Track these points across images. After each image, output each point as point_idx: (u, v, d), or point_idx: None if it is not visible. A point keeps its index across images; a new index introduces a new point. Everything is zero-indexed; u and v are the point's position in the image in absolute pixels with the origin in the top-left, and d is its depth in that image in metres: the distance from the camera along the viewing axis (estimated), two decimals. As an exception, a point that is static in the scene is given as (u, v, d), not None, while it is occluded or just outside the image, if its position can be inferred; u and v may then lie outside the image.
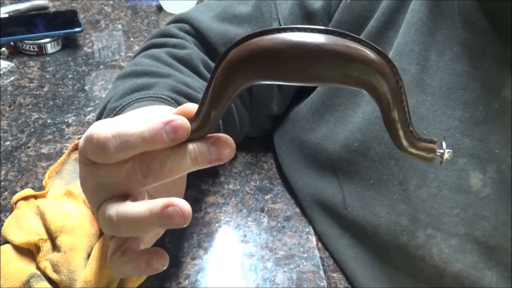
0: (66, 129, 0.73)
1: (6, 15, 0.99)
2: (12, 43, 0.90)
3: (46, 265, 0.50)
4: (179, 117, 0.34)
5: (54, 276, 0.49)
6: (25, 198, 0.57)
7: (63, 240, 0.50)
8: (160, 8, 1.10)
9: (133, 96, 0.49)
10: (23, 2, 1.04)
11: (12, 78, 0.84)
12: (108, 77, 0.86)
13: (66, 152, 0.65)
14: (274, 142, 0.67)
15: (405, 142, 0.33)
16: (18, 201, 0.57)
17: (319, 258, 0.56)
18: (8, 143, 0.69)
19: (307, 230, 0.59)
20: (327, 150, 0.58)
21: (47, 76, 0.85)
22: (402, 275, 0.53)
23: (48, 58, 0.90)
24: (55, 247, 0.51)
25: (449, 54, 0.51)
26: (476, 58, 0.50)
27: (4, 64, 0.87)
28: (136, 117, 0.38)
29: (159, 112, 0.40)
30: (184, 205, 0.33)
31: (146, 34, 1.00)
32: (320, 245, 0.58)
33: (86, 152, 0.35)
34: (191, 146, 0.34)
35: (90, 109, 0.77)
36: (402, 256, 0.52)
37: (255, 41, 0.31)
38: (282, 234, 0.58)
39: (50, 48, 0.91)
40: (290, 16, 0.61)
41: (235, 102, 0.61)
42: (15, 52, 0.91)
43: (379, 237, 0.53)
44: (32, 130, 0.72)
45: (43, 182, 0.60)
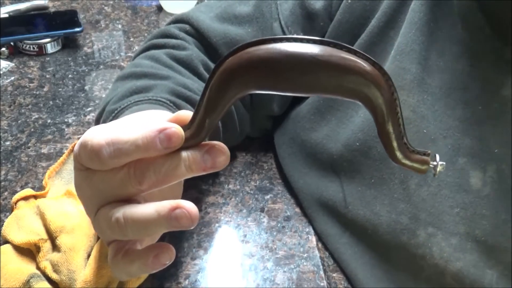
0: (66, 129, 0.73)
1: (6, 15, 0.99)
2: (12, 43, 0.90)
3: (46, 265, 0.50)
4: (173, 125, 0.34)
5: (54, 276, 0.49)
6: (25, 198, 0.57)
7: (63, 240, 0.50)
8: (160, 8, 1.10)
9: (132, 99, 0.49)
10: (23, 2, 1.04)
11: (12, 78, 0.84)
12: (108, 77, 0.86)
13: (66, 152, 0.65)
14: (275, 142, 0.67)
15: (399, 154, 0.33)
16: (18, 201, 0.57)
17: (319, 258, 0.56)
18: (8, 143, 0.69)
19: (307, 230, 0.59)
20: (329, 150, 0.58)
21: (47, 76, 0.85)
22: (403, 274, 0.53)
23: (48, 58, 0.90)
24: (55, 247, 0.51)
25: (449, 54, 0.51)
26: (476, 58, 0.50)
27: (4, 64, 0.87)
28: (132, 124, 0.38)
29: (155, 119, 0.40)
30: (191, 207, 0.34)
31: (146, 34, 1.00)
32: (320, 245, 0.58)
33: (81, 158, 0.36)
34: (185, 154, 0.34)
35: (90, 109, 0.77)
36: (403, 255, 0.52)
37: (251, 51, 0.31)
38: (282, 234, 0.58)
39: (50, 48, 0.91)
40: (291, 16, 0.61)
41: (236, 103, 0.61)
42: (15, 52, 0.91)
43: (380, 236, 0.53)
44: (32, 130, 0.72)
45: (43, 182, 0.61)
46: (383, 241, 0.53)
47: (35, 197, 0.58)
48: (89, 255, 0.50)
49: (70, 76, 0.86)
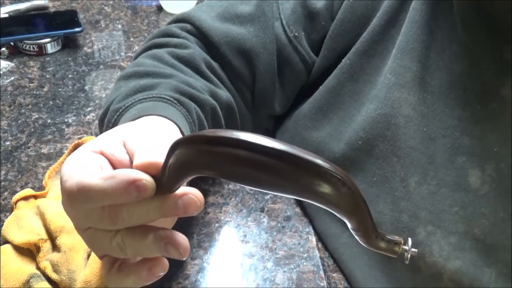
0: (66, 129, 0.73)
1: (6, 15, 0.99)
2: (12, 43, 0.90)
3: (46, 265, 0.50)
4: (145, 177, 0.34)
5: (54, 276, 0.49)
6: (25, 198, 0.57)
7: (63, 240, 0.50)
8: (160, 8, 1.10)
9: (136, 97, 0.49)
10: (23, 2, 1.04)
11: (12, 78, 0.84)
12: (108, 77, 0.86)
13: (66, 152, 0.65)
14: (275, 141, 0.67)
15: (372, 242, 0.35)
16: (18, 201, 0.57)
17: (319, 258, 0.56)
18: (8, 143, 0.70)
19: (307, 230, 0.59)
20: (331, 149, 0.58)
21: (47, 76, 0.85)
22: (401, 273, 0.53)
23: (48, 58, 0.90)
24: (55, 247, 0.51)
25: (449, 54, 0.51)
26: (475, 58, 0.50)
27: (4, 64, 0.87)
28: (123, 147, 0.38)
29: (140, 153, 0.38)
30: (183, 242, 0.35)
31: (146, 34, 1.00)
32: (320, 245, 0.58)
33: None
34: (157, 201, 0.35)
35: (90, 109, 0.77)
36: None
37: (208, 144, 0.31)
38: (282, 234, 0.58)
39: (50, 48, 0.91)
40: (292, 16, 0.61)
41: (237, 103, 0.61)
42: (15, 52, 0.91)
43: None
44: (32, 130, 0.72)
45: (43, 182, 0.61)
46: (383, 240, 0.53)
47: (35, 197, 0.58)
48: (89, 255, 0.50)
49: (70, 76, 0.86)
